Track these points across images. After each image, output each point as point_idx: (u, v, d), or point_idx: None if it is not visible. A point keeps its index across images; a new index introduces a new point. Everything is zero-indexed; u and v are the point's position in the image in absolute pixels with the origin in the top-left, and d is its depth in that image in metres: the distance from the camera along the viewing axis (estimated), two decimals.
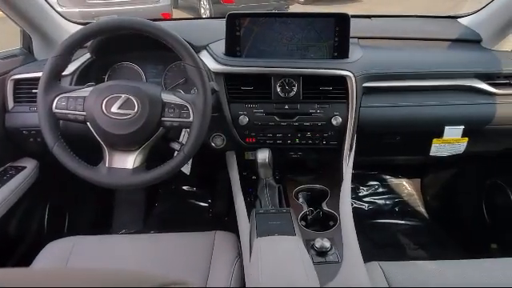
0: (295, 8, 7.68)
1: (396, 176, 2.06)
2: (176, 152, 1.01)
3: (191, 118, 0.94)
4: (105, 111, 0.92)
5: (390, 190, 2.02)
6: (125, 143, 0.95)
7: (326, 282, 0.84)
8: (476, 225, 1.65)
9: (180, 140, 1.13)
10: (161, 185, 1.94)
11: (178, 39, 0.93)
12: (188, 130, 0.95)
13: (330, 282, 0.84)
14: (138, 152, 0.96)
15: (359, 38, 1.37)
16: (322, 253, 0.93)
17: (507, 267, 0.97)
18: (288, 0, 7.45)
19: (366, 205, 1.94)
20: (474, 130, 1.25)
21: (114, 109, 0.92)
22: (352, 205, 1.93)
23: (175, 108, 0.95)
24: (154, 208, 1.89)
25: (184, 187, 1.97)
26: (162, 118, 0.95)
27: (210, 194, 1.92)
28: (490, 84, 1.22)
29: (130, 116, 0.92)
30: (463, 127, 1.23)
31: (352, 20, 1.49)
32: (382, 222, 1.84)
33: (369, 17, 1.59)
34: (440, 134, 1.24)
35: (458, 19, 1.53)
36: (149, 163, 1.00)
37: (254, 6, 6.77)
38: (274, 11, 6.72)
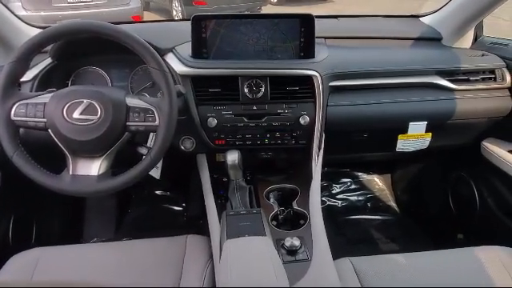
0: (268, 9, 7.72)
1: (367, 172, 2.10)
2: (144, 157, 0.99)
3: (157, 122, 0.93)
4: (66, 117, 0.89)
5: (362, 187, 2.06)
6: (88, 149, 0.93)
7: (296, 280, 0.85)
8: (443, 216, 1.71)
9: (148, 144, 1.12)
10: (133, 190, 1.91)
11: (141, 42, 0.91)
12: (155, 133, 0.94)
13: (299, 281, 0.85)
14: (103, 158, 0.94)
15: (326, 37, 1.39)
16: (292, 251, 0.94)
17: (471, 256, 1.01)
18: (260, 1, 7.48)
19: (339, 202, 1.97)
20: (437, 125, 1.29)
21: (76, 114, 0.89)
22: (325, 202, 1.95)
23: (140, 112, 0.93)
24: (127, 214, 1.85)
25: (157, 192, 1.94)
26: (127, 123, 0.93)
27: (184, 198, 1.90)
28: (450, 80, 1.27)
29: (92, 121, 0.90)
30: (426, 123, 1.27)
31: (319, 20, 1.51)
32: (354, 218, 1.88)
33: (335, 17, 1.61)
34: (405, 130, 1.28)
35: (420, 18, 1.58)
36: (117, 169, 0.98)
37: (227, 8, 6.75)
38: (246, 12, 6.74)
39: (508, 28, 4.61)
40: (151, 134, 1.13)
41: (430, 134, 1.31)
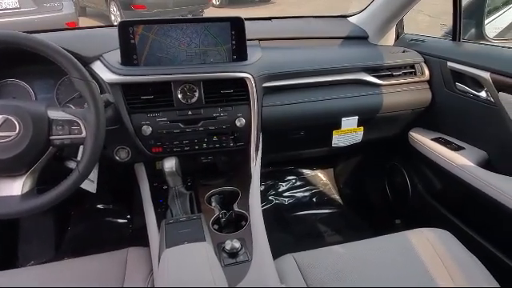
0: (210, 11, 7.70)
1: (311, 168, 2.17)
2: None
3: (84, 134, 0.89)
4: None
5: (307, 183, 2.12)
6: (8, 168, 0.86)
7: (237, 282, 0.86)
8: (382, 204, 1.81)
9: (78, 158, 1.07)
10: (72, 206, 1.81)
11: (58, 51, 0.87)
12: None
13: (240, 283, 0.85)
14: (26, 176, 0.88)
15: (260, 39, 1.41)
16: (232, 254, 0.94)
17: (403, 240, 1.08)
18: (203, 4, 7.45)
19: (286, 199, 2.01)
20: (367, 118, 1.37)
21: None
22: (272, 201, 1.99)
23: (64, 124, 0.89)
24: (67, 232, 1.75)
25: (99, 206, 1.85)
26: (51, 137, 0.88)
27: (128, 209, 1.83)
28: (376, 76, 1.35)
29: (10, 138, 0.84)
30: (357, 117, 1.34)
31: (253, 22, 1.53)
32: (301, 213, 1.93)
33: (269, 19, 1.64)
34: (338, 126, 1.34)
35: (348, 18, 1.66)
36: (45, 186, 0.92)
37: (168, 11, 6.64)
38: (188, 15, 6.67)
39: (433, 23, 5.05)
40: (81, 146, 1.07)
41: (362, 127, 1.38)
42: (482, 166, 1.21)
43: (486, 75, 1.15)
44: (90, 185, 1.15)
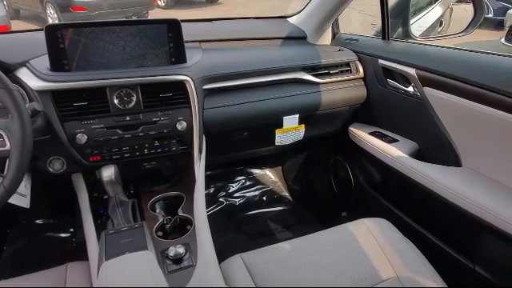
0: (155, 13, 7.53)
1: (260, 167, 2.19)
2: None
3: (7, 147, 0.84)
4: None
5: (256, 182, 2.14)
6: None
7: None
8: (329, 199, 1.87)
9: (5, 173, 0.99)
10: (7, 223, 1.68)
11: None
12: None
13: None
14: None
15: (201, 41, 1.40)
16: (177, 260, 0.92)
17: (346, 231, 1.12)
18: (147, 5, 7.26)
19: (237, 200, 2.02)
20: (308, 116, 1.41)
21: None
22: (223, 203, 1.99)
23: None
24: (3, 252, 1.63)
25: (38, 221, 1.74)
26: None
27: (71, 222, 1.74)
28: (314, 75, 1.39)
29: None
30: (298, 115, 1.37)
31: (194, 24, 1.51)
32: (252, 213, 1.94)
33: (210, 20, 1.64)
34: (280, 125, 1.37)
35: (288, 19, 1.70)
36: None
37: (110, 13, 6.40)
38: (133, 17, 6.48)
39: (374, 22, 5.35)
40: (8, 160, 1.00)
41: (303, 125, 1.42)
42: (414, 157, 1.29)
43: (412, 71, 1.23)
44: (21, 200, 1.08)
